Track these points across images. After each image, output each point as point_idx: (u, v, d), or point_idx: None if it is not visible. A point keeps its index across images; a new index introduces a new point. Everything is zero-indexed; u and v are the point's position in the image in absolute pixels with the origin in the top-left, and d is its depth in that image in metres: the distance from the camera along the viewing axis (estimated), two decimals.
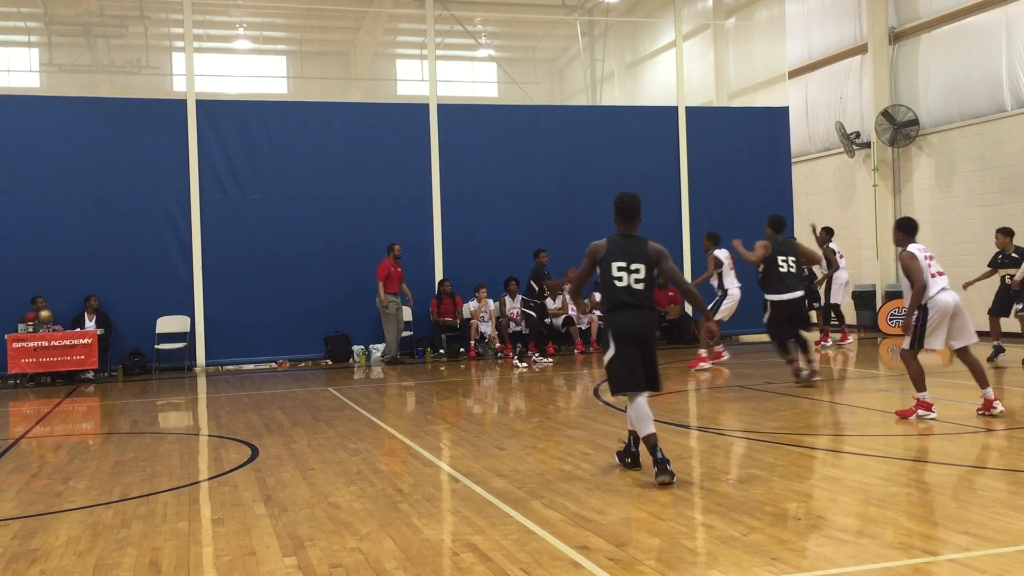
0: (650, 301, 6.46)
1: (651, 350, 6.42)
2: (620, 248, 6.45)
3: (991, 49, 16.81)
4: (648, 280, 6.38)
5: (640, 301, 6.37)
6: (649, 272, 6.40)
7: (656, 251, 6.45)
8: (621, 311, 6.40)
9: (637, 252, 6.41)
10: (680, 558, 4.62)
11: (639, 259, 6.39)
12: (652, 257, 6.41)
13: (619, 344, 6.37)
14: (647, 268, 6.39)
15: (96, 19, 22.44)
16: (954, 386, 11.04)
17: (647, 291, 6.40)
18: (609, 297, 6.46)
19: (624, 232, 6.54)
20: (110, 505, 6.19)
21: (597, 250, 6.54)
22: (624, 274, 6.37)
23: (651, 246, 6.46)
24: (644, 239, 6.52)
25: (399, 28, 26.79)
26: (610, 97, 25.99)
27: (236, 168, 16.24)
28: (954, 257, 17.93)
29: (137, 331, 15.46)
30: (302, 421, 9.70)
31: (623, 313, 6.39)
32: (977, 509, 5.32)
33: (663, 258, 6.45)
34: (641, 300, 6.37)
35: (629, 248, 6.45)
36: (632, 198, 6.65)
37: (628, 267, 6.37)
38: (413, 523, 5.47)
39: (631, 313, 6.37)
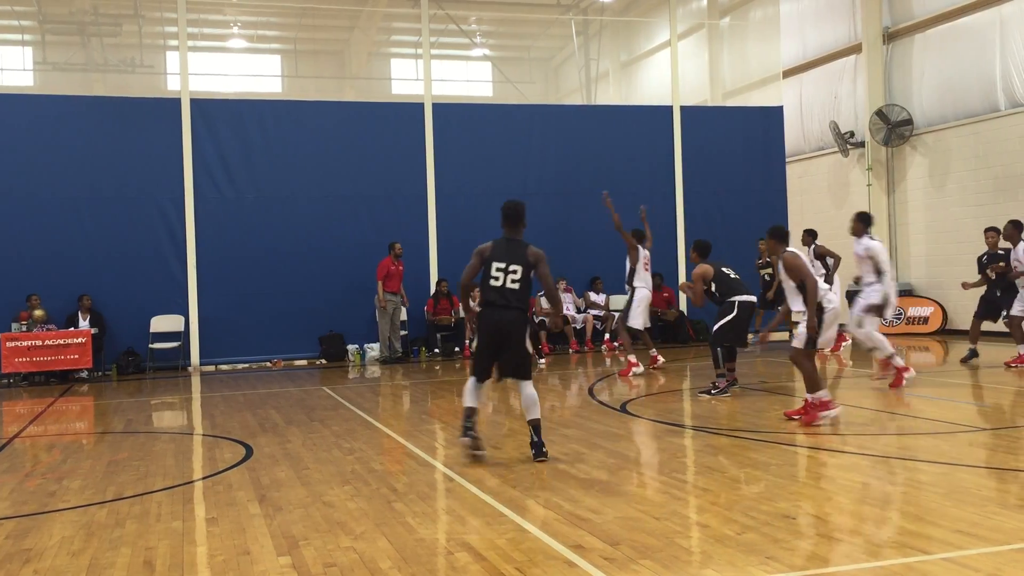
0: (521, 302, 6.99)
1: (513, 346, 6.98)
2: (503, 250, 7.05)
3: (985, 49, 16.85)
4: (524, 281, 6.95)
5: (509, 301, 6.95)
6: (526, 274, 6.96)
7: (535, 255, 7.01)
8: (489, 308, 7.01)
9: (517, 255, 6.99)
10: (674, 557, 4.62)
11: (518, 261, 6.96)
12: (530, 260, 6.98)
13: (481, 337, 7.19)
14: (524, 270, 6.96)
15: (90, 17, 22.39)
16: (948, 385, 11.07)
17: (521, 292, 6.97)
18: (483, 294, 7.07)
19: (508, 236, 7.16)
20: (104, 505, 6.18)
21: (484, 251, 7.14)
22: (501, 274, 6.95)
23: (531, 250, 7.03)
24: (526, 243, 7.10)
25: (394, 27, 26.77)
26: (605, 96, 26.00)
27: (230, 167, 16.22)
28: (948, 256, 17.99)
29: (131, 330, 15.43)
30: (296, 420, 9.69)
31: (490, 311, 7.00)
32: (971, 508, 5.33)
33: (540, 262, 7.01)
34: (511, 301, 6.94)
35: (510, 251, 7.04)
36: (517, 205, 7.27)
37: (507, 268, 6.94)
38: (408, 522, 5.47)
39: (497, 312, 6.95)
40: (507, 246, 7.08)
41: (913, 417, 9.01)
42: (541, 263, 7.01)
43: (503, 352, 7.03)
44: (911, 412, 9.37)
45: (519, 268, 6.95)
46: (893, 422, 8.76)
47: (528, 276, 6.99)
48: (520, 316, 7.02)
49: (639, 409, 9.65)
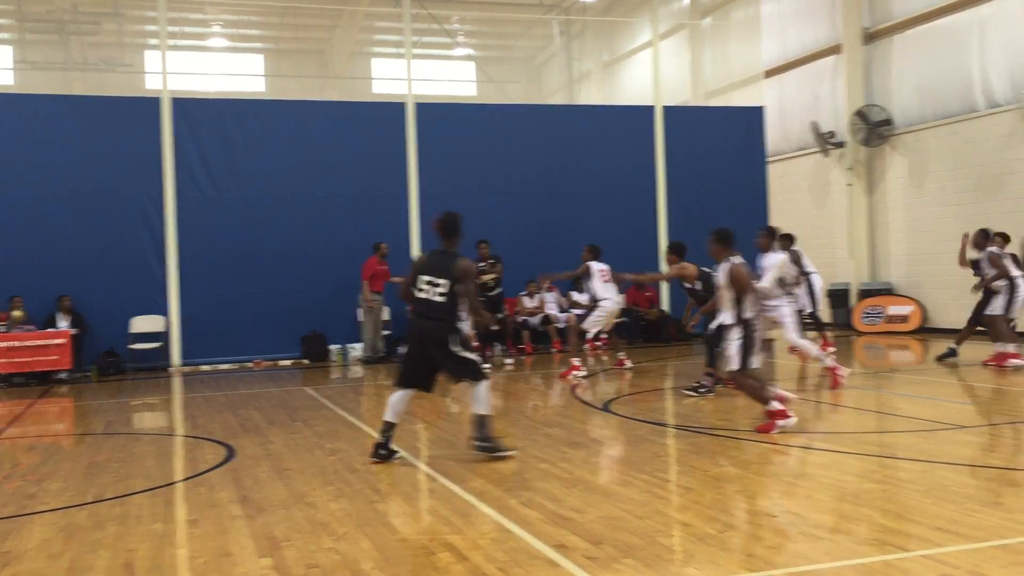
0: (447, 314, 7.03)
1: (435, 358, 7.09)
2: (433, 263, 7.17)
3: (964, 50, 16.99)
4: (449, 295, 6.99)
5: (432, 314, 7.03)
6: (451, 287, 7.00)
7: (461, 269, 7.04)
8: (417, 318, 7.20)
9: (444, 268, 7.05)
10: (657, 556, 4.64)
11: (444, 275, 7.03)
12: (456, 275, 7.01)
13: (409, 345, 7.40)
14: (449, 284, 7.00)
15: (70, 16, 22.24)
16: (927, 383, 11.16)
17: (447, 304, 7.01)
18: (413, 304, 7.24)
19: (441, 248, 7.24)
20: (84, 507, 6.14)
21: (419, 261, 7.38)
22: (428, 287, 7.07)
23: (459, 264, 7.06)
24: (456, 256, 7.15)
25: (376, 27, 26.75)
26: (587, 96, 26.07)
27: (211, 167, 16.13)
28: (928, 255, 18.14)
29: (112, 331, 15.32)
30: (279, 421, 9.66)
31: (417, 320, 7.19)
32: (950, 505, 5.37)
33: (465, 278, 7.05)
34: (434, 313, 7.03)
35: (439, 264, 7.12)
36: (451, 217, 7.31)
37: (433, 281, 7.05)
38: (390, 523, 5.46)
39: (422, 322, 7.12)
40: (438, 259, 7.18)
41: (893, 415, 9.08)
42: (466, 280, 7.07)
43: (434, 362, 7.17)
44: (891, 410, 9.44)
45: (445, 282, 7.03)
46: (872, 420, 8.82)
47: (454, 289, 7.04)
48: (443, 327, 7.07)
49: (622, 408, 9.68)
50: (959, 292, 17.24)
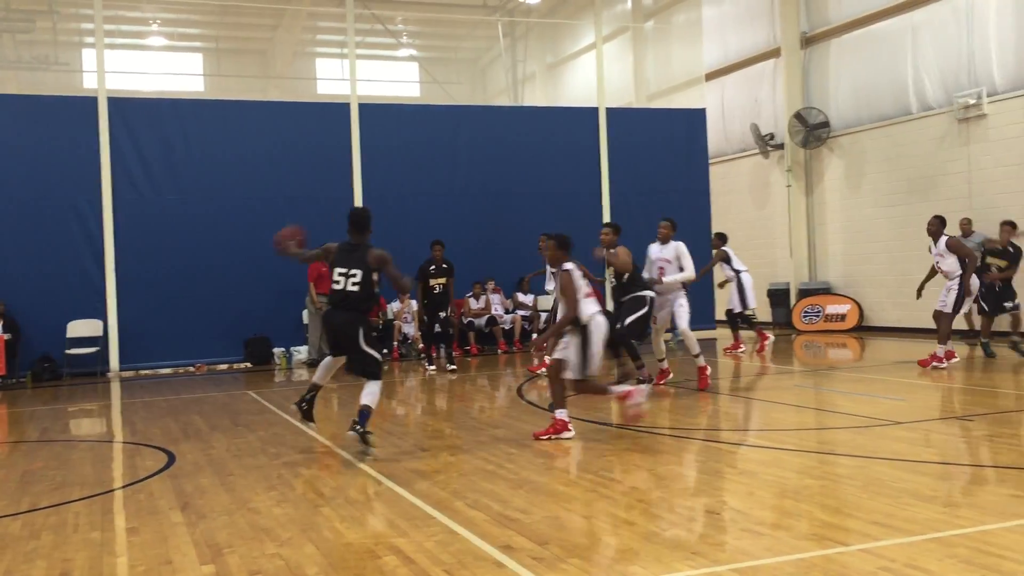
0: (359, 304, 7.45)
1: (352, 347, 7.49)
2: (345, 255, 7.53)
3: (898, 54, 17.41)
4: (364, 283, 7.39)
5: (346, 304, 7.44)
6: (367, 277, 7.41)
7: (376, 257, 7.45)
8: (331, 309, 7.59)
9: (357, 260, 7.44)
10: (602, 555, 4.67)
11: (358, 265, 7.41)
12: (372, 265, 7.42)
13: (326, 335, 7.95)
14: (364, 273, 7.39)
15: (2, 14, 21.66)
16: (865, 380, 11.40)
17: (360, 295, 7.41)
18: (328, 296, 7.63)
19: (353, 242, 7.61)
20: (18, 516, 5.99)
21: (329, 252, 7.72)
22: (343, 279, 7.43)
23: (371, 253, 7.46)
24: (368, 247, 7.53)
25: (319, 26, 26.49)
26: (532, 98, 26.13)
27: (150, 167, 15.84)
28: (864, 255, 18.55)
29: (47, 336, 14.95)
30: (221, 426, 9.52)
31: (331, 312, 7.58)
32: (886, 500, 5.50)
33: (384, 264, 7.48)
34: (348, 303, 7.43)
35: (352, 256, 7.49)
36: (361, 212, 7.78)
37: (347, 272, 7.41)
38: (335, 527, 5.42)
39: (337, 314, 7.50)
40: (349, 251, 7.53)
41: (831, 412, 9.26)
42: (386, 265, 7.48)
43: (346, 352, 7.58)
44: (830, 407, 9.63)
45: (359, 272, 7.40)
46: (811, 417, 8.99)
47: (369, 279, 7.42)
48: (357, 317, 7.46)
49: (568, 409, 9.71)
50: (894, 291, 17.68)
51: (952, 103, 16.23)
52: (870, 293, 18.40)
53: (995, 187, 15.72)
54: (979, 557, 4.42)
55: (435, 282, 13.82)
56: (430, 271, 13.84)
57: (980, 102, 15.71)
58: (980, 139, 15.92)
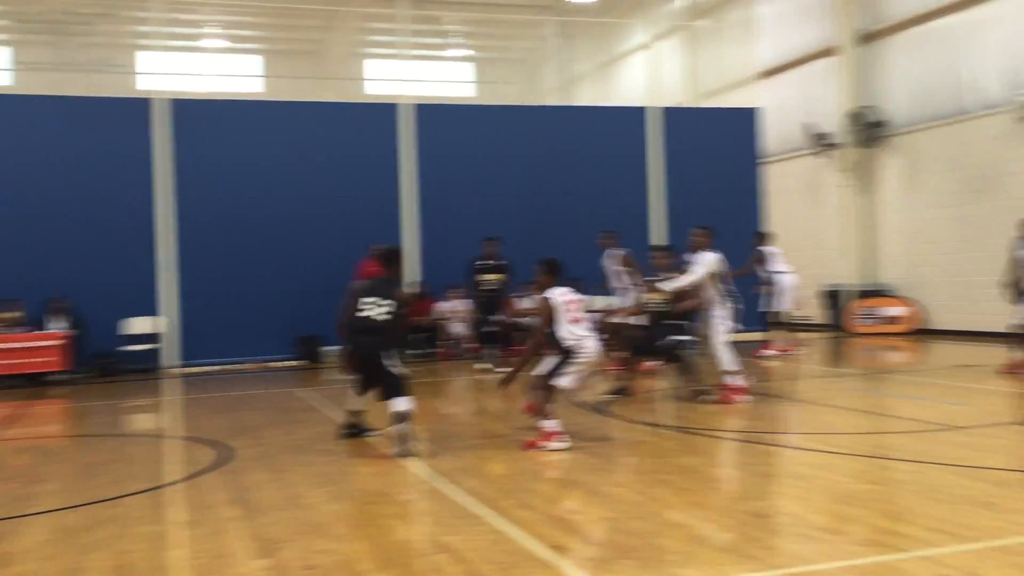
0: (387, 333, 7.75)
1: (377, 371, 7.72)
2: (376, 288, 7.92)
3: (958, 51, 17.04)
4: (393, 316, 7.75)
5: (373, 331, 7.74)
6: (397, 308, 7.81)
7: (402, 298, 7.96)
8: (357, 335, 7.80)
9: (387, 293, 7.86)
10: (654, 557, 4.64)
11: (389, 298, 7.82)
12: (398, 301, 7.86)
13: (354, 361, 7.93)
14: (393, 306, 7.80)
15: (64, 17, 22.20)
16: (923, 384, 11.18)
17: (389, 324, 7.76)
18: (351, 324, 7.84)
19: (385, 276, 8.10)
20: (79, 508, 6.12)
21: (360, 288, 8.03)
22: (372, 307, 7.77)
23: (398, 293, 7.96)
24: (397, 284, 8.12)
25: (372, 27, 26.72)
26: (583, 97, 26.08)
27: (206, 168, 16.09)
28: (922, 257, 18.19)
29: (106, 332, 15.28)
30: (274, 422, 9.64)
31: (358, 339, 7.80)
32: (945, 506, 5.39)
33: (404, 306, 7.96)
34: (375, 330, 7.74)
35: (383, 289, 7.89)
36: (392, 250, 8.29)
37: (378, 302, 7.76)
38: (386, 524, 5.45)
39: (362, 338, 7.76)
40: (381, 285, 7.97)
41: (887, 416, 9.10)
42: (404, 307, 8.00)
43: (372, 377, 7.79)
44: (885, 411, 9.46)
45: (390, 303, 7.80)
46: (867, 421, 8.84)
47: (399, 312, 7.82)
48: (381, 343, 7.74)
49: (618, 410, 9.68)
50: (953, 293, 17.31)
51: (1014, 101, 15.84)
52: (928, 295, 18.04)
53: None
54: None
55: (484, 278, 13.72)
56: (482, 267, 13.78)
57: None
58: None
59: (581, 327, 7.67)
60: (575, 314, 7.69)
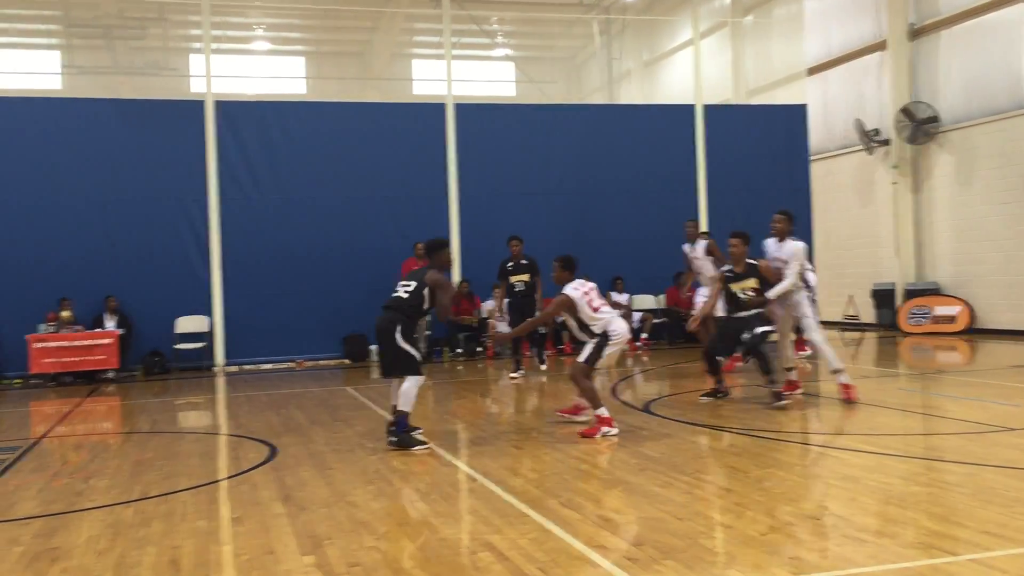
0: (402, 308, 7.91)
1: (388, 345, 7.89)
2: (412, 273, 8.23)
3: (1012, 45, 16.66)
4: (414, 293, 7.93)
5: (390, 304, 8.00)
6: (419, 288, 7.95)
7: (433, 278, 7.99)
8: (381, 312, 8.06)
9: (419, 275, 8.10)
10: (698, 557, 4.60)
11: (416, 279, 8.07)
12: (427, 281, 7.97)
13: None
14: (417, 285, 7.98)
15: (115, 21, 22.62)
16: (976, 385, 10.96)
17: (408, 300, 7.94)
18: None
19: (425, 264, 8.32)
20: (130, 504, 6.24)
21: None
22: (400, 288, 8.07)
23: (431, 273, 8.04)
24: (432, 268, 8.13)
25: (415, 28, 26.86)
26: (627, 96, 25.95)
27: (254, 168, 16.32)
28: (975, 255, 17.81)
29: (157, 331, 15.55)
30: (320, 420, 9.74)
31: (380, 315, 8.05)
32: (998, 509, 5.27)
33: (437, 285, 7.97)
34: (392, 304, 7.99)
35: (416, 273, 8.17)
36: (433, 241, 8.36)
37: (406, 283, 8.09)
38: (431, 522, 5.48)
39: (382, 314, 8.01)
40: (417, 270, 8.25)
41: (939, 417, 8.93)
42: (439, 288, 7.97)
43: (384, 352, 8.03)
44: (937, 412, 9.28)
45: (414, 283, 8.01)
46: (918, 422, 8.69)
47: (420, 292, 7.93)
48: (396, 316, 7.90)
49: (661, 409, 9.62)
50: (1008, 292, 16.94)
51: None
52: (982, 294, 17.67)
53: None
54: None
55: (515, 279, 13.32)
56: (508, 268, 13.40)
57: None
58: None
59: (604, 312, 8.16)
60: (596, 302, 8.18)
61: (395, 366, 7.94)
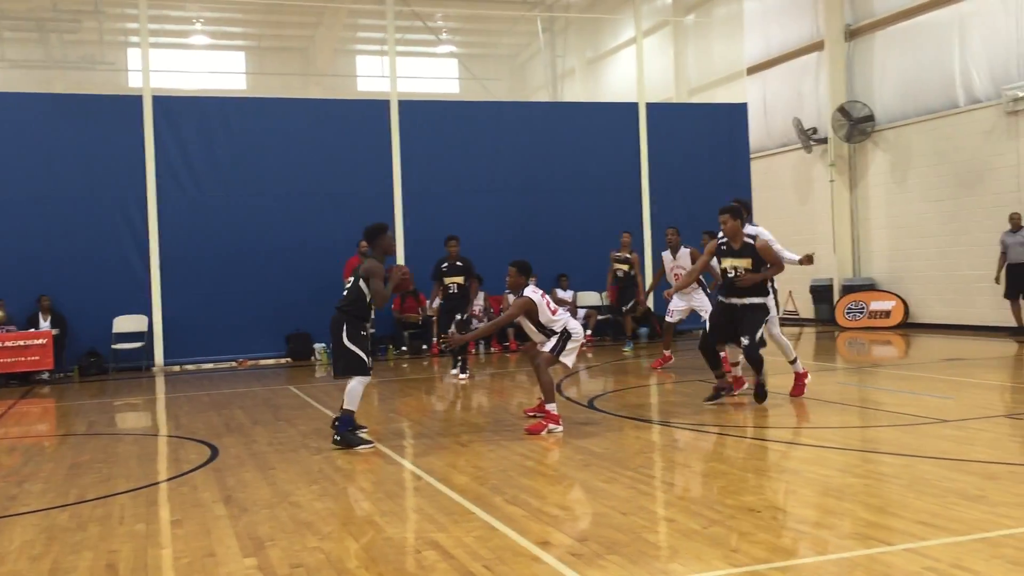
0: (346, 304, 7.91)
1: (336, 345, 7.96)
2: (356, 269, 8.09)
3: (945, 46, 17.09)
4: (352, 289, 7.92)
5: (339, 303, 7.99)
6: (355, 283, 7.93)
7: (365, 268, 7.92)
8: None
9: (357, 269, 8.03)
10: (641, 552, 4.64)
11: (353, 274, 8.04)
12: (360, 272, 7.94)
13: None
14: (354, 280, 7.97)
15: (50, 14, 22.06)
16: (911, 378, 11.23)
17: (347, 297, 7.94)
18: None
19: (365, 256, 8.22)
20: (66, 508, 6.10)
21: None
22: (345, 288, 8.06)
23: (363, 265, 7.96)
24: (368, 257, 8.03)
25: (359, 24, 26.61)
26: (571, 93, 26.05)
27: (193, 165, 16.05)
28: (909, 251, 18.25)
29: (94, 331, 15.22)
30: (263, 420, 9.62)
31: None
32: (931, 499, 5.41)
33: (368, 274, 7.87)
34: (340, 303, 7.98)
35: (357, 268, 8.08)
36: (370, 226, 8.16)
37: (348, 279, 8.07)
38: (375, 521, 5.45)
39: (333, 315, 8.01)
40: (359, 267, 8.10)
41: (875, 410, 9.13)
42: (370, 276, 7.87)
43: (334, 351, 8.08)
44: (873, 405, 9.49)
45: (352, 279, 8.01)
46: (855, 415, 8.87)
47: (357, 285, 7.90)
48: (341, 317, 7.90)
49: (606, 405, 9.70)
50: (940, 287, 17.39)
51: (1000, 95, 15.90)
52: (916, 289, 18.11)
53: None
54: None
55: (449, 281, 12.88)
56: (443, 269, 12.93)
57: None
58: None
59: (560, 314, 8.29)
60: (552, 304, 8.33)
61: (340, 366, 7.94)
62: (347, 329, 7.85)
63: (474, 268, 13.05)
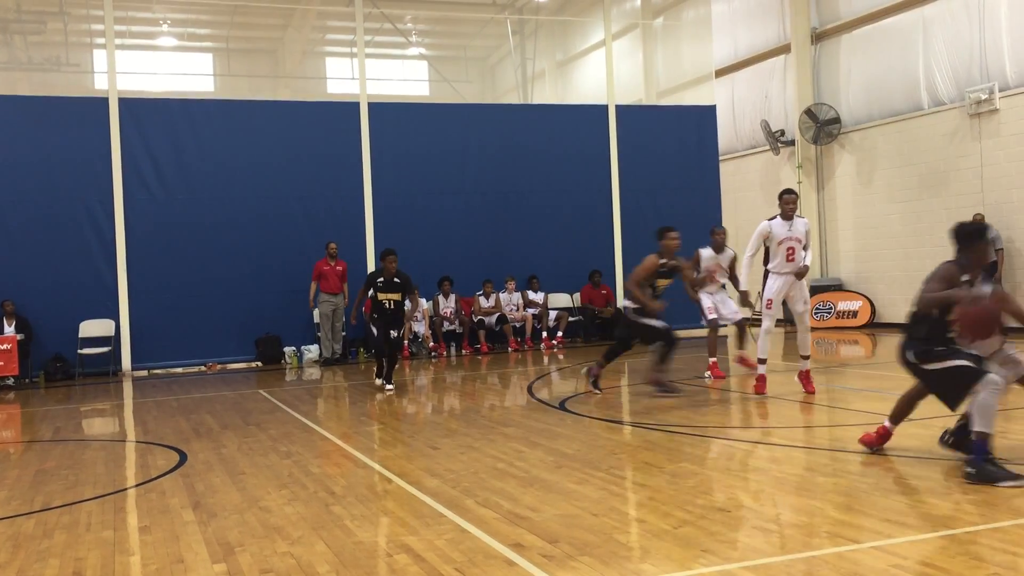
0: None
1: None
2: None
3: (909, 49, 17.32)
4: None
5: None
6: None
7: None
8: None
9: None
10: (613, 553, 4.66)
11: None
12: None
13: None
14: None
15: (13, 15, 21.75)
16: (878, 377, 11.35)
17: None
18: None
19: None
20: (31, 515, 6.01)
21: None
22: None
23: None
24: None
25: (328, 26, 26.47)
26: (541, 96, 26.08)
27: (161, 168, 15.90)
28: (876, 251, 18.47)
29: (59, 336, 15.03)
30: (232, 425, 9.55)
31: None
32: (899, 497, 5.47)
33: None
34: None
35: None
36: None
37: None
38: (346, 525, 5.43)
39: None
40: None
41: (843, 409, 9.23)
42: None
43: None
44: (841, 404, 9.59)
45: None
46: (824, 414, 8.96)
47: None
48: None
49: (577, 406, 9.72)
50: (906, 287, 17.59)
51: (964, 98, 16.14)
52: (882, 289, 18.32)
53: (1007, 182, 15.63)
54: (994, 555, 4.39)
55: (384, 297, 11.79)
56: (378, 284, 11.80)
57: (992, 97, 15.63)
58: (992, 134, 15.83)
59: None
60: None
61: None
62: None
63: (411, 283, 12.10)
